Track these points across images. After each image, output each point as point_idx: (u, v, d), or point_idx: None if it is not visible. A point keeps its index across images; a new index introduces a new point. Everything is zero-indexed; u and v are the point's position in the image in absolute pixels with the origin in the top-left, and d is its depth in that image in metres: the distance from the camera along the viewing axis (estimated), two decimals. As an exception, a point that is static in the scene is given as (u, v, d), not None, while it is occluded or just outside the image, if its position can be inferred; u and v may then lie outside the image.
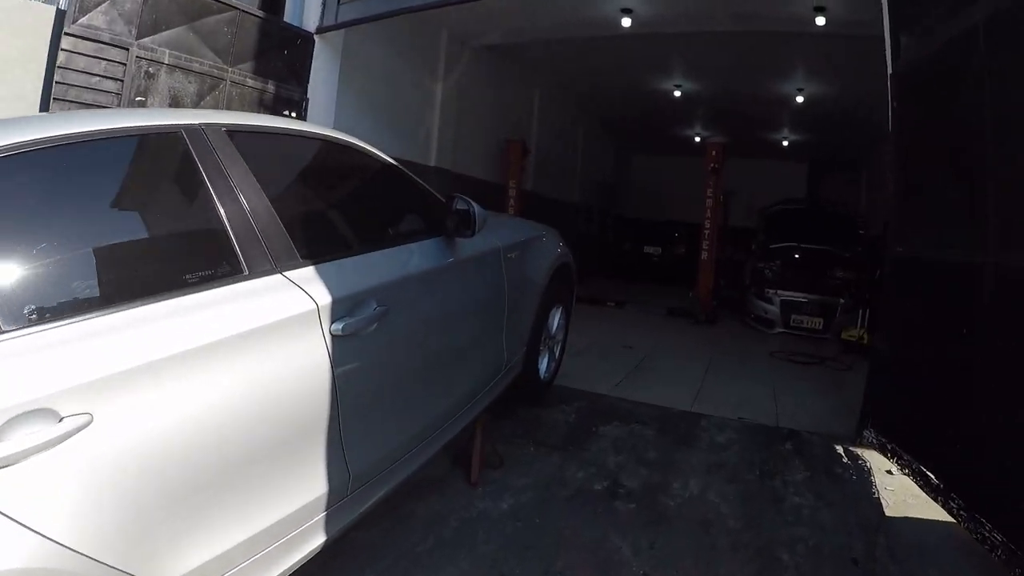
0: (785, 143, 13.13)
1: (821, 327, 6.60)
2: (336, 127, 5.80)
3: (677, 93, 9.68)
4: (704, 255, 7.54)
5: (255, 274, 1.46)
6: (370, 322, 1.68)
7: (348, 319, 1.60)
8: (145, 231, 1.48)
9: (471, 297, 2.43)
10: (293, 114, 4.97)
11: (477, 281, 2.50)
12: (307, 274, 1.58)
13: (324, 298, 1.56)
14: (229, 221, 1.47)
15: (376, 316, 1.70)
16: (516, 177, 8.49)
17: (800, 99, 9.21)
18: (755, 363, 5.29)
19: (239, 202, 1.50)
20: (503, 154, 8.63)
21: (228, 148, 1.56)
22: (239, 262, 1.45)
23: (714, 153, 7.31)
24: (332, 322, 1.57)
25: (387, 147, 7.12)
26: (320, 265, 1.62)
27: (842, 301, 6.62)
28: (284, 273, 1.52)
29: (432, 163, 7.39)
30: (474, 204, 2.22)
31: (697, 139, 13.11)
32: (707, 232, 7.54)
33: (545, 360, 3.36)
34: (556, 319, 3.42)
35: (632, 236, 13.39)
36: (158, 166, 1.57)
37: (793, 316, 6.69)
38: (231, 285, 1.41)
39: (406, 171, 2.32)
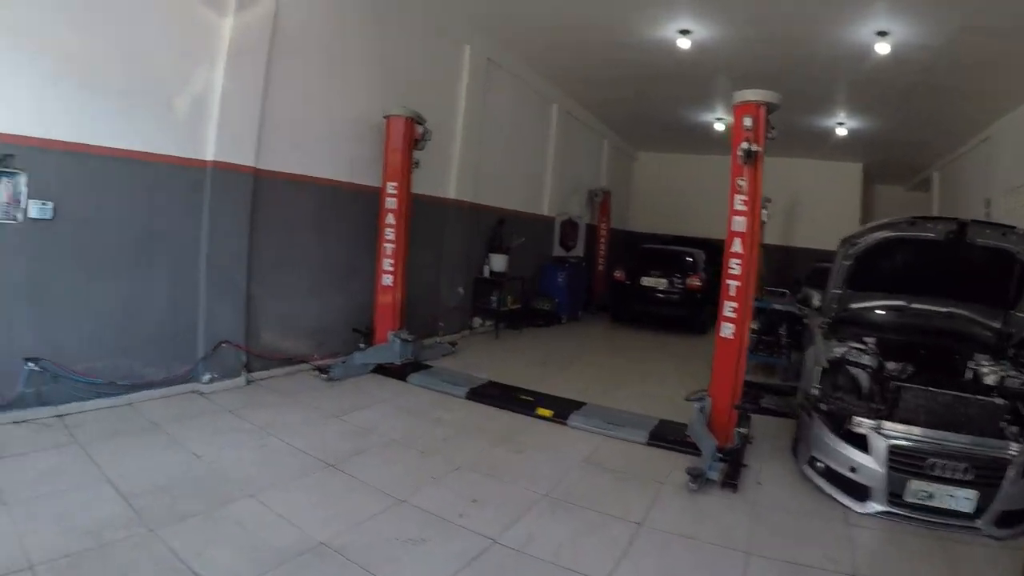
0: (841, 130, 9.29)
1: (973, 509, 2.93)
2: None
3: (685, 44, 6.07)
4: (730, 330, 3.60)
5: None
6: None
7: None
8: None
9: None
10: None
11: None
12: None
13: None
14: None
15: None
16: (399, 176, 4.98)
17: (883, 49, 5.55)
18: None
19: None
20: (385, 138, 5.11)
21: None
22: None
23: (748, 122, 3.58)
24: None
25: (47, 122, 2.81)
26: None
27: (1016, 449, 2.93)
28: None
29: (209, 156, 4.04)
30: None
31: (718, 125, 9.42)
32: (733, 277, 3.62)
33: None
34: None
35: (627, 261, 9.20)
36: None
37: (912, 483, 3.01)
38: None
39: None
